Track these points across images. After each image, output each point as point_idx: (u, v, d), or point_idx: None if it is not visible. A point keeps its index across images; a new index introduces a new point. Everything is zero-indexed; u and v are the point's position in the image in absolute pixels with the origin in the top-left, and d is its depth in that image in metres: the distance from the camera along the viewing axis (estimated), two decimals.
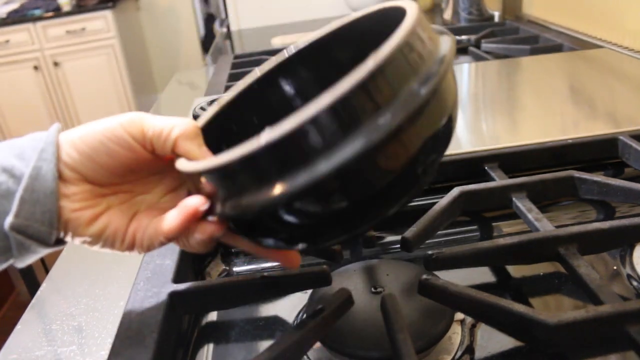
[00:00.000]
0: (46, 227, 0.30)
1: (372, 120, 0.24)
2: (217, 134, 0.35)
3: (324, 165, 0.24)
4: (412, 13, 0.27)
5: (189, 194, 0.33)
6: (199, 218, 0.31)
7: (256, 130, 0.37)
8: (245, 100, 0.37)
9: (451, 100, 0.29)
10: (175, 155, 0.32)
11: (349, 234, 0.30)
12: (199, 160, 0.31)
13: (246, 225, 0.30)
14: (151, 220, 0.33)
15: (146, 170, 0.34)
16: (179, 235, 0.32)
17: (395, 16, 0.31)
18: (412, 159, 0.27)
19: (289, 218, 0.28)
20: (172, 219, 0.31)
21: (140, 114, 0.32)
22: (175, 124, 0.32)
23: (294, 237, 0.30)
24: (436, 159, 0.29)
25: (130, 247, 0.33)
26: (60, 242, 0.33)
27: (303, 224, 0.28)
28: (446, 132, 0.29)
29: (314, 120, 0.24)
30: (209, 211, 0.31)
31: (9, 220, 0.29)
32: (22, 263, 0.32)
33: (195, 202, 0.30)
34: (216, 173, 0.28)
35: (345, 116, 0.24)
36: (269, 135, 0.24)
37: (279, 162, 0.25)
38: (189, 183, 0.35)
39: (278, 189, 0.25)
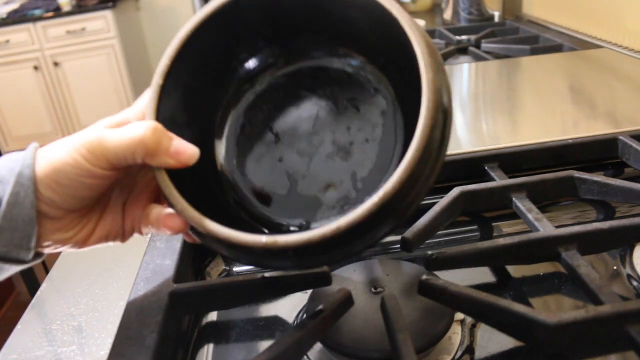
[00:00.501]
0: (24, 250, 0.30)
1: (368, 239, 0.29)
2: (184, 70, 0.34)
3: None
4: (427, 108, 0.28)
5: None
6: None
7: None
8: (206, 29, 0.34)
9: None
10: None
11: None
12: (174, 167, 0.31)
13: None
14: (142, 211, 0.34)
15: (121, 178, 0.34)
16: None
17: (381, 13, 0.31)
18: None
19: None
20: (161, 229, 0.33)
21: (94, 142, 0.30)
22: (135, 145, 0.29)
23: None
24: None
25: (130, 236, 0.35)
26: (38, 255, 0.32)
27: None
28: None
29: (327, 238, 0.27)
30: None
31: None
32: None
33: (177, 227, 0.32)
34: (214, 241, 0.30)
35: (329, 246, 0.28)
36: (270, 238, 0.28)
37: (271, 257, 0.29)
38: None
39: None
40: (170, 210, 0.32)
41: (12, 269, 0.31)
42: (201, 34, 0.34)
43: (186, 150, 0.31)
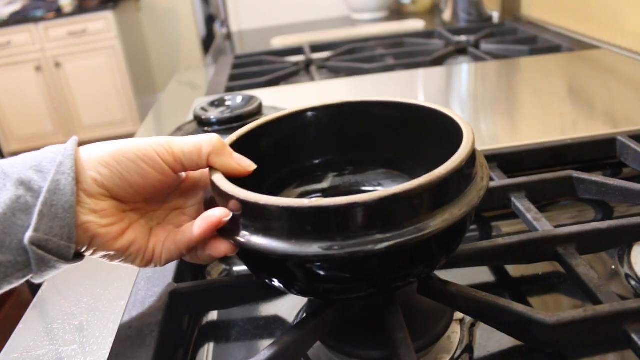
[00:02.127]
0: (65, 241, 0.30)
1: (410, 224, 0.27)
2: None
3: (362, 246, 0.26)
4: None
5: (207, 207, 0.33)
6: (217, 229, 0.31)
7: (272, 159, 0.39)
8: (271, 128, 0.39)
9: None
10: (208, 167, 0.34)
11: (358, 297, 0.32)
12: (236, 170, 0.33)
13: (260, 262, 0.32)
14: (168, 234, 0.34)
15: (165, 190, 0.35)
16: (201, 243, 0.32)
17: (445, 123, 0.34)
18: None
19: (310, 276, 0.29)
20: (199, 226, 0.31)
21: (167, 138, 0.33)
22: (202, 142, 0.33)
23: (303, 291, 0.32)
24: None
25: (149, 262, 0.34)
26: (79, 256, 0.32)
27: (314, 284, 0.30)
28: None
29: (367, 205, 0.26)
30: (228, 231, 0.31)
31: (28, 234, 0.29)
32: (40, 278, 0.31)
33: (220, 213, 0.30)
34: (258, 209, 0.28)
35: (389, 212, 0.27)
36: (318, 201, 0.27)
37: (320, 226, 0.27)
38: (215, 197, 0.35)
39: (308, 248, 0.27)
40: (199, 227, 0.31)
41: (53, 267, 0.31)
42: (283, 123, 0.39)
43: (246, 160, 0.34)
